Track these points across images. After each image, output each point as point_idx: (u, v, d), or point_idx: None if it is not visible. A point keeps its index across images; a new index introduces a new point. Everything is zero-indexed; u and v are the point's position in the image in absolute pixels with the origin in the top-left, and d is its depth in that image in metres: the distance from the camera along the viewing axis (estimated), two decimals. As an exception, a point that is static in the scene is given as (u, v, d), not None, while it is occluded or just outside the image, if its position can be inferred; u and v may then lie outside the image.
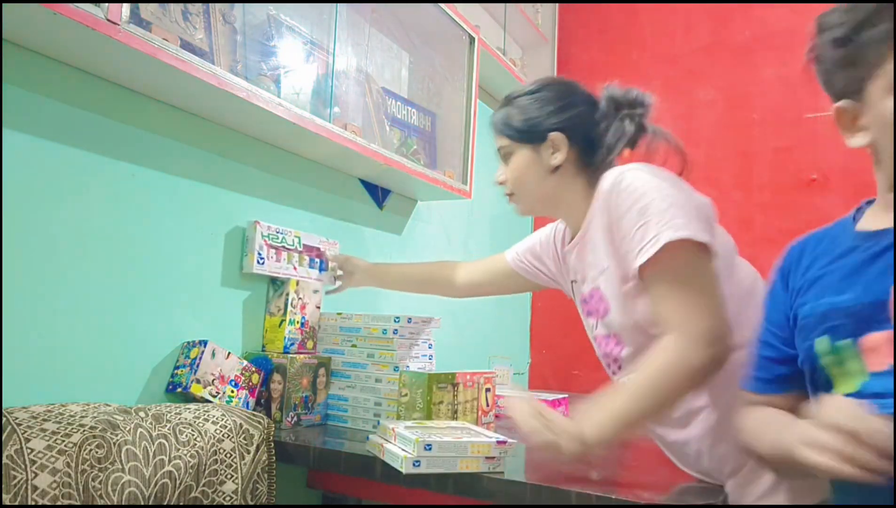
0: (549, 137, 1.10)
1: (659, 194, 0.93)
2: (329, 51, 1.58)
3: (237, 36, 1.38)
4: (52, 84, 1.10)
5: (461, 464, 1.01)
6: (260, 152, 1.49)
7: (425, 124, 1.98)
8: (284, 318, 1.42)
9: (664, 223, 0.90)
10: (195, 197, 1.33)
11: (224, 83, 1.20)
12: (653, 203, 0.92)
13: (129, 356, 1.20)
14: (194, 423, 1.09)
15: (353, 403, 1.41)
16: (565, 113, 1.10)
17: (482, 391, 1.45)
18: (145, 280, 1.23)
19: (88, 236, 1.14)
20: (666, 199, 0.92)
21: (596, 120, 1.10)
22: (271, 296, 1.47)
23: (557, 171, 1.11)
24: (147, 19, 1.14)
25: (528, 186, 1.14)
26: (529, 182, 1.14)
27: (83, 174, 1.14)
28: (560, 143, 1.10)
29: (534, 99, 1.13)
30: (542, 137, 1.10)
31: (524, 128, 1.12)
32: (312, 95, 1.53)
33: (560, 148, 1.10)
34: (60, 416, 0.94)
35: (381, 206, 1.89)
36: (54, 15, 0.93)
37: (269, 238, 1.42)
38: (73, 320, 1.11)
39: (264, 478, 1.16)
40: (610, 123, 1.09)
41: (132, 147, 1.22)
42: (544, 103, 1.12)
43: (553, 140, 1.10)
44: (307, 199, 1.62)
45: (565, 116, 1.10)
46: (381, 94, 1.82)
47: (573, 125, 1.10)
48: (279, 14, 1.48)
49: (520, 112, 1.13)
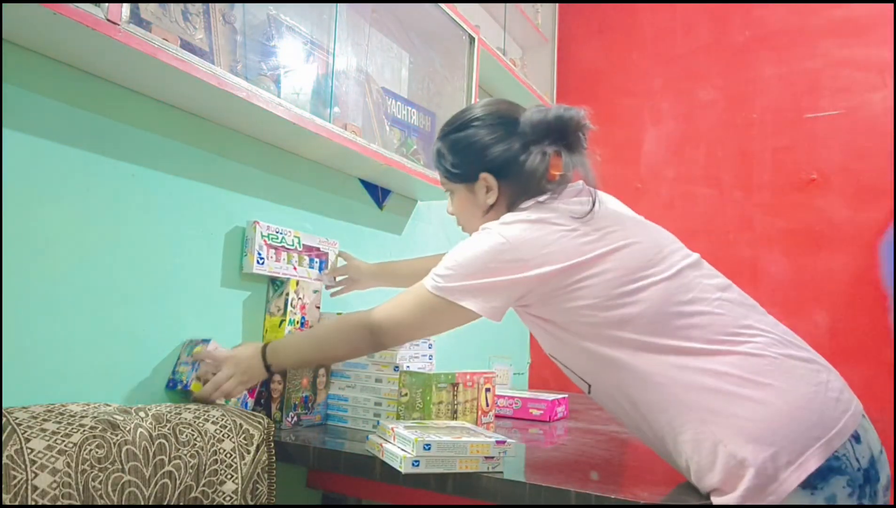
0: (480, 177, 1.11)
1: (463, 255, 1.03)
2: (329, 51, 1.58)
3: (237, 36, 1.38)
4: (52, 84, 1.10)
5: (460, 464, 1.01)
6: (260, 152, 1.49)
7: (425, 124, 1.98)
8: (284, 318, 1.42)
9: (439, 273, 1.04)
10: (195, 197, 1.33)
11: (224, 83, 1.20)
12: (454, 255, 1.04)
13: (130, 355, 1.20)
14: (194, 423, 1.09)
15: (353, 403, 1.41)
16: (491, 150, 1.10)
17: (482, 391, 1.45)
18: (145, 280, 1.23)
19: (88, 236, 1.14)
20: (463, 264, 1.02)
21: (519, 155, 1.09)
22: (271, 296, 1.47)
23: (493, 208, 1.13)
24: (147, 19, 1.14)
25: (471, 222, 1.17)
26: (471, 219, 1.17)
27: (83, 174, 1.14)
28: (490, 182, 1.11)
29: (462, 137, 1.13)
30: (474, 177, 1.12)
31: (457, 171, 1.14)
32: (312, 95, 1.53)
33: (491, 187, 1.11)
34: (60, 416, 0.94)
35: (381, 206, 1.89)
36: (54, 15, 0.93)
37: (269, 238, 1.42)
38: (73, 320, 1.11)
39: (264, 478, 1.16)
40: (528, 157, 1.08)
41: (132, 147, 1.22)
42: (472, 143, 1.12)
43: (483, 180, 1.11)
44: (307, 199, 1.62)
45: (492, 154, 1.10)
46: (381, 94, 1.82)
47: (500, 164, 1.10)
48: (279, 14, 1.48)
49: (451, 153, 1.15)
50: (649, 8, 2.75)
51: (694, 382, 0.92)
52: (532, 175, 1.07)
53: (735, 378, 0.90)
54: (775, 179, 2.42)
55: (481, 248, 1.02)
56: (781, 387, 0.89)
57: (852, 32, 2.35)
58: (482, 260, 1.01)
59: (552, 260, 0.98)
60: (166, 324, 1.26)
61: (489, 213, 1.13)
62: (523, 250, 0.99)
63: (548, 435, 1.48)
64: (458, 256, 1.04)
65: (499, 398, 1.72)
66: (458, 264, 1.03)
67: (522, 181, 1.09)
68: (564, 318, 1.00)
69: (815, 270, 2.33)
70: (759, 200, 2.44)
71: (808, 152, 2.37)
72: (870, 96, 2.30)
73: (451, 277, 1.03)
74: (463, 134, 1.14)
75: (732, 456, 0.87)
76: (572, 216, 1.02)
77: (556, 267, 0.98)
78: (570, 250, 0.98)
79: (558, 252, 0.98)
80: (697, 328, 0.94)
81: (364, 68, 1.74)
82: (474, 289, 1.01)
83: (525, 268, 0.99)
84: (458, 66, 2.02)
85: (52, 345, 1.08)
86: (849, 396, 0.94)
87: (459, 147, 1.14)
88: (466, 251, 1.03)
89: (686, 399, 0.92)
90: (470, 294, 1.02)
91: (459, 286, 1.02)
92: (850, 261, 2.28)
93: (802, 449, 0.86)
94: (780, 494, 0.85)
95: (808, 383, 0.91)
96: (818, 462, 0.86)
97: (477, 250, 1.02)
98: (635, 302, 0.96)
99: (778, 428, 0.87)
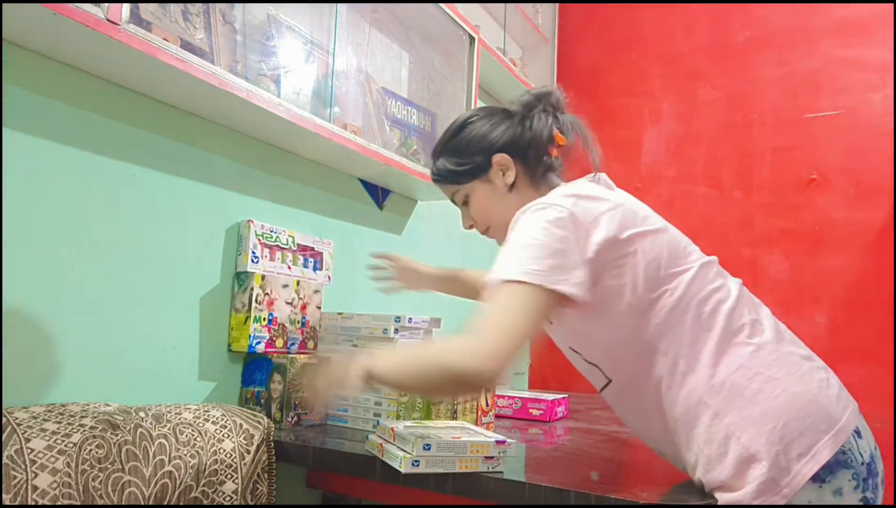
0: (494, 161, 1.11)
1: (524, 235, 0.95)
2: (329, 51, 1.58)
3: (237, 36, 1.38)
4: (52, 84, 1.10)
5: (460, 464, 1.01)
6: (260, 153, 1.49)
7: (425, 124, 1.98)
8: (249, 315, 1.37)
9: (506, 261, 0.94)
10: (195, 197, 1.33)
11: (224, 83, 1.20)
12: (514, 240, 0.96)
13: (130, 355, 1.20)
14: (194, 423, 1.09)
15: (353, 403, 1.41)
16: (494, 133, 1.11)
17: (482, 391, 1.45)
18: (145, 280, 1.23)
19: (88, 236, 1.14)
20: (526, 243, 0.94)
21: (520, 128, 1.11)
22: (236, 291, 1.40)
23: (514, 188, 1.11)
24: (147, 19, 1.14)
25: (497, 215, 1.13)
26: (496, 211, 1.13)
27: (83, 174, 1.14)
28: (505, 161, 1.10)
29: (462, 137, 1.14)
30: (488, 164, 1.11)
31: (468, 167, 1.13)
32: (312, 95, 1.53)
33: (507, 166, 1.10)
34: (60, 416, 0.94)
35: (381, 206, 1.89)
36: (54, 15, 0.93)
37: (263, 237, 1.41)
38: (73, 320, 1.11)
39: (264, 478, 1.16)
40: (531, 123, 1.10)
41: (132, 147, 1.22)
42: (475, 135, 1.13)
43: (498, 162, 1.11)
44: (307, 199, 1.62)
45: (498, 135, 1.11)
46: (381, 94, 1.82)
47: (507, 140, 1.11)
48: (279, 14, 1.48)
49: (456, 155, 1.14)
50: (649, 8, 2.75)
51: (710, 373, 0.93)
52: (540, 139, 1.08)
53: (749, 372, 0.91)
54: (775, 179, 2.42)
55: (545, 224, 0.94)
56: (790, 382, 0.91)
57: (852, 32, 2.35)
58: (554, 235, 0.93)
59: (611, 227, 0.95)
60: (166, 323, 1.26)
61: (512, 194, 1.11)
62: (586, 217, 0.95)
63: (548, 435, 1.48)
64: (524, 238, 0.95)
65: (499, 399, 1.72)
66: (532, 246, 0.93)
67: (534, 149, 1.09)
68: (604, 297, 0.96)
69: (815, 270, 2.33)
70: (759, 200, 2.44)
71: (808, 152, 2.37)
72: (870, 96, 2.30)
73: (529, 260, 0.92)
74: (461, 135, 1.14)
75: (745, 449, 0.88)
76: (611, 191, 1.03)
77: (612, 235, 0.95)
78: (623, 219, 0.97)
79: (614, 220, 0.96)
80: (718, 320, 0.95)
81: (364, 68, 1.74)
82: (561, 267, 0.92)
83: (591, 234, 0.94)
84: (458, 66, 2.02)
85: (52, 345, 1.08)
86: (846, 394, 0.96)
87: (462, 146, 1.13)
88: (531, 232, 0.94)
89: (701, 393, 0.92)
90: (560, 272, 0.91)
91: (547, 267, 0.91)
92: (850, 261, 2.28)
93: (812, 442, 0.88)
94: (793, 486, 0.86)
95: (812, 379, 0.93)
96: (829, 453, 0.87)
97: (542, 228, 0.94)
98: (672, 288, 0.96)
99: (789, 421, 0.88)
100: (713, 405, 0.91)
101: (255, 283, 1.37)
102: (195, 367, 1.31)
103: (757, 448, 0.88)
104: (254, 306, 1.37)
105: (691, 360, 0.94)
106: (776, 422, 0.88)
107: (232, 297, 1.40)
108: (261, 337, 1.38)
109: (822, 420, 0.89)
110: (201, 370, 1.32)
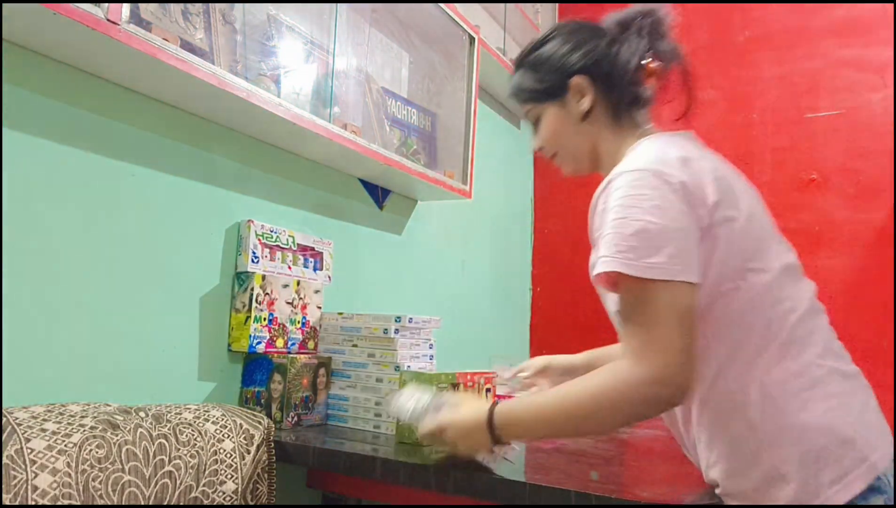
0: (571, 84, 1.01)
1: (633, 212, 0.83)
2: (329, 51, 1.58)
3: (237, 36, 1.38)
4: (52, 84, 1.10)
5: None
6: (259, 152, 1.49)
7: (425, 124, 1.98)
8: (250, 315, 1.37)
9: (613, 247, 0.84)
10: (195, 198, 1.33)
11: (224, 83, 1.20)
12: (619, 222, 0.84)
13: (130, 356, 1.20)
14: (194, 423, 1.09)
15: (354, 403, 1.41)
16: (577, 52, 1.00)
17: (482, 391, 1.45)
18: (145, 280, 1.23)
19: (88, 236, 1.14)
20: (632, 223, 0.83)
21: (608, 50, 1.00)
22: (236, 291, 1.40)
23: (589, 117, 1.01)
24: (147, 19, 1.14)
25: (567, 144, 1.04)
26: (566, 140, 1.04)
27: (83, 174, 1.14)
28: (583, 86, 1.00)
29: (542, 53, 1.04)
30: (563, 87, 1.01)
31: (542, 86, 1.03)
32: (312, 95, 1.53)
33: (585, 91, 1.00)
34: (60, 416, 0.94)
35: (381, 206, 1.89)
36: (54, 15, 0.93)
37: (263, 237, 1.41)
38: (73, 320, 1.11)
39: (264, 478, 1.16)
40: (620, 46, 0.99)
41: (132, 147, 1.22)
42: (554, 52, 1.03)
43: (575, 86, 1.01)
44: (307, 199, 1.62)
45: (579, 56, 1.00)
46: (381, 94, 1.82)
47: (590, 63, 1.00)
48: (279, 14, 1.48)
49: (533, 71, 1.05)
50: (649, 8, 2.75)
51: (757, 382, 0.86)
52: (627, 65, 0.97)
53: (793, 388, 0.85)
54: (775, 179, 2.42)
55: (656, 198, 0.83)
56: (832, 404, 0.85)
57: (852, 32, 2.35)
58: (668, 213, 0.83)
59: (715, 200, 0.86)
60: (166, 324, 1.26)
61: (586, 123, 1.01)
62: (695, 187, 0.85)
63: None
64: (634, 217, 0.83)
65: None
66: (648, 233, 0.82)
67: (618, 78, 0.99)
68: None
69: (814, 269, 2.33)
70: (759, 200, 2.44)
71: (808, 152, 2.37)
72: (870, 96, 2.30)
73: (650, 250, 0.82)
74: (541, 50, 1.05)
75: (775, 469, 0.83)
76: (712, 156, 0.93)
77: (716, 198, 0.86)
78: (723, 194, 0.88)
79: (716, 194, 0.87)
80: (778, 332, 0.87)
81: (364, 68, 1.74)
82: (682, 253, 0.82)
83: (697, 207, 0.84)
84: (458, 66, 2.02)
85: (52, 345, 1.08)
86: (882, 420, 0.90)
87: (541, 61, 1.04)
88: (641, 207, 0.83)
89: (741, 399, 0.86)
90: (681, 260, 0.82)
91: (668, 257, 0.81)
92: (850, 261, 2.28)
93: (847, 470, 0.82)
94: None
95: (852, 403, 0.87)
96: (863, 484, 0.82)
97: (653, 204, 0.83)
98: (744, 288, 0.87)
99: (826, 445, 0.82)
100: (750, 415, 0.85)
101: (255, 283, 1.37)
102: (195, 367, 1.31)
103: (788, 468, 0.82)
104: (254, 306, 1.36)
105: (739, 365, 0.87)
106: (812, 444, 0.82)
107: (232, 297, 1.40)
108: (261, 337, 1.38)
109: (859, 448, 0.83)
110: (201, 370, 1.32)
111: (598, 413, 0.85)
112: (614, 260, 0.83)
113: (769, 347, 0.87)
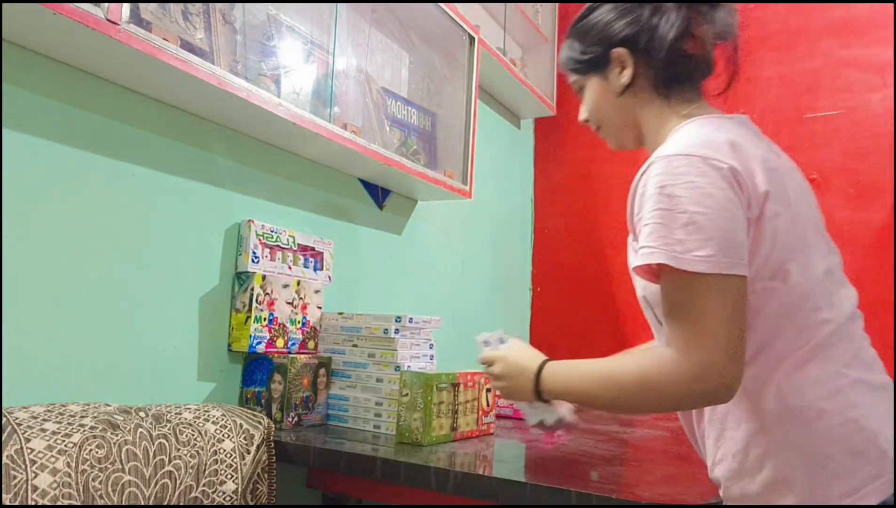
0: (612, 56, 0.97)
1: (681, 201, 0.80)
2: (329, 51, 1.58)
3: (237, 36, 1.38)
4: (52, 84, 1.10)
5: None
6: (259, 152, 1.49)
7: (425, 124, 1.98)
8: (250, 315, 1.36)
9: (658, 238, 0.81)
10: (195, 198, 1.33)
11: (224, 83, 1.20)
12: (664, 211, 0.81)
13: (129, 356, 1.20)
14: (194, 423, 1.09)
15: (354, 403, 1.41)
16: (620, 22, 0.97)
17: (483, 391, 1.45)
18: (145, 280, 1.23)
19: (88, 236, 1.14)
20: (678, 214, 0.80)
21: (651, 21, 0.95)
22: (237, 291, 1.40)
23: (629, 90, 0.98)
24: (147, 19, 1.14)
25: (608, 118, 1.02)
26: (607, 113, 1.02)
27: (83, 174, 1.14)
28: (624, 58, 0.97)
29: (589, 19, 1.01)
30: (605, 58, 0.98)
31: (585, 57, 1.01)
32: (312, 94, 1.53)
33: (625, 63, 0.97)
34: (60, 416, 0.94)
35: (381, 206, 1.89)
36: (54, 15, 0.93)
37: (264, 237, 1.41)
38: (73, 320, 1.11)
39: (264, 478, 1.16)
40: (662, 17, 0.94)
41: (132, 147, 1.22)
42: (598, 21, 0.99)
43: (616, 58, 0.97)
44: (307, 199, 1.62)
45: (622, 25, 0.96)
46: (381, 94, 1.82)
47: (632, 33, 0.95)
48: (279, 14, 1.48)
49: (578, 41, 1.02)
50: (649, 8, 2.75)
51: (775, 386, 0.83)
52: (666, 37, 0.92)
53: (809, 396, 0.82)
54: (775, 179, 2.42)
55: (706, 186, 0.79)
56: (852, 415, 0.81)
57: (852, 32, 2.35)
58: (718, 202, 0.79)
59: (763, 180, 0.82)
60: (166, 324, 1.26)
61: (626, 96, 0.98)
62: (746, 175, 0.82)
63: (548, 435, 1.48)
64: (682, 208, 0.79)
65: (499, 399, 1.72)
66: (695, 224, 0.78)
67: (658, 50, 0.93)
68: None
69: (815, 270, 2.32)
70: (759, 200, 2.43)
71: (808, 152, 2.37)
72: (870, 96, 2.30)
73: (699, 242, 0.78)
74: (588, 18, 1.02)
75: (780, 472, 0.81)
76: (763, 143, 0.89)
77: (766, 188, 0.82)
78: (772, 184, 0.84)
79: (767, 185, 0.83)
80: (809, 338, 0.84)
81: (364, 68, 1.74)
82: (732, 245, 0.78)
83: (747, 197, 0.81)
84: (458, 66, 2.02)
85: (52, 345, 1.08)
86: None
87: (585, 30, 1.01)
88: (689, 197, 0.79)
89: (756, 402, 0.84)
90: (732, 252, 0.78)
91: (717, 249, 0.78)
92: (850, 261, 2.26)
93: (860, 485, 0.79)
94: None
95: (878, 413, 0.83)
96: (877, 499, 0.78)
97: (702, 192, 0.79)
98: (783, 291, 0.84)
99: (837, 456, 0.79)
100: (763, 419, 0.83)
101: (255, 283, 1.37)
102: (195, 367, 1.31)
103: (792, 475, 0.80)
104: (254, 306, 1.36)
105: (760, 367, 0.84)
106: (819, 454, 0.80)
107: (232, 297, 1.39)
108: (261, 337, 1.38)
109: (875, 463, 0.79)
110: (201, 370, 1.32)
111: (642, 395, 0.84)
112: (660, 252, 0.80)
113: (795, 353, 0.83)
